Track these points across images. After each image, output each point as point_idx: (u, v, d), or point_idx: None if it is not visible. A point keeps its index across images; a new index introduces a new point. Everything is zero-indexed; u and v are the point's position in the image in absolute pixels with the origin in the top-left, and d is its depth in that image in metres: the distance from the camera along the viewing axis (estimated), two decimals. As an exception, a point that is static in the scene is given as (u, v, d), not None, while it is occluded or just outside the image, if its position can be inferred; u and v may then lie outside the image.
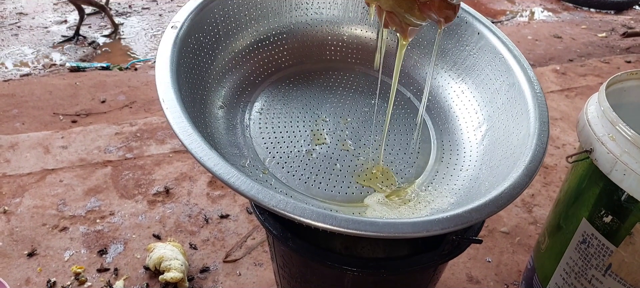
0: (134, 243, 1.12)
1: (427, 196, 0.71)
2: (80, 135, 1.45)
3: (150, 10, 2.66)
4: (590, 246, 0.76)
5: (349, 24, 0.88)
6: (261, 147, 0.73)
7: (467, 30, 0.81)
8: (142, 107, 1.71)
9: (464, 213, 0.53)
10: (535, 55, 2.32)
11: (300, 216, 0.50)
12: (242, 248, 1.13)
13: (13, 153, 1.36)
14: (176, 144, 1.43)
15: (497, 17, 2.85)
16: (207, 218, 1.20)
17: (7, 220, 1.16)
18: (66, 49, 2.26)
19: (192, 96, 0.69)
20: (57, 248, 1.10)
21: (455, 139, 0.79)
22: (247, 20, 0.81)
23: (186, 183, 1.30)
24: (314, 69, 0.87)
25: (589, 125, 0.73)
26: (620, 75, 0.80)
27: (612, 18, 2.86)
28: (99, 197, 1.24)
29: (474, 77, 0.81)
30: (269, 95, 0.81)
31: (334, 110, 0.81)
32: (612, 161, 0.67)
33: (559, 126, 1.63)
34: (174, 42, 0.66)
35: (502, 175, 0.63)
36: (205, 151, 0.54)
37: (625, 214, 0.69)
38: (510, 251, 1.16)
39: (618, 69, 2.06)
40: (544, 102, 0.69)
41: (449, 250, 0.65)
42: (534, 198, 1.31)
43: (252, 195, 0.51)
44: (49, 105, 1.68)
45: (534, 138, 0.64)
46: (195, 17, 0.72)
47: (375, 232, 0.50)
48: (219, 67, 0.78)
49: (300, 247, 0.64)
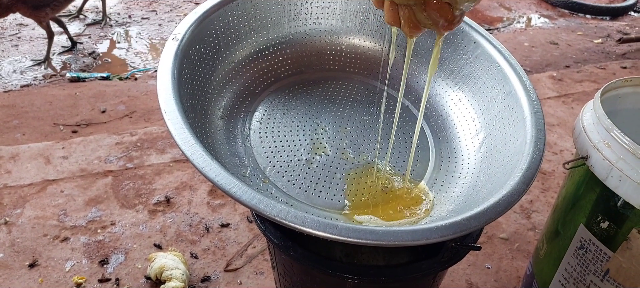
0: (135, 253, 1.13)
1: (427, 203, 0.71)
2: (80, 146, 1.45)
3: (149, 19, 2.68)
4: (588, 252, 0.76)
5: (347, 34, 0.89)
6: (261, 156, 0.74)
7: (464, 39, 0.82)
8: (142, 117, 1.72)
9: (462, 221, 0.54)
10: (531, 62, 2.34)
11: (301, 225, 0.51)
12: (242, 257, 1.13)
13: (14, 164, 1.37)
14: (176, 153, 1.44)
15: (493, 24, 2.87)
16: (207, 227, 1.20)
17: (8, 231, 1.16)
18: (67, 59, 2.27)
19: (193, 107, 0.70)
20: (58, 258, 1.10)
21: (453, 146, 0.80)
22: (246, 31, 0.82)
23: (187, 193, 1.30)
24: (313, 79, 0.88)
25: (584, 132, 0.74)
26: (615, 83, 0.81)
27: (607, 24, 2.88)
28: (100, 207, 1.25)
29: (471, 86, 0.82)
30: (269, 104, 0.82)
31: (333, 119, 0.82)
32: (608, 167, 0.68)
33: (556, 132, 1.65)
34: (175, 54, 0.68)
35: (499, 182, 0.64)
36: (207, 161, 0.55)
37: (621, 220, 0.70)
38: (509, 257, 1.16)
39: (614, 75, 2.08)
40: (540, 110, 0.70)
41: (448, 257, 0.65)
42: (532, 204, 1.32)
43: (254, 204, 0.52)
44: (50, 116, 1.69)
45: (531, 145, 0.65)
46: (196, 29, 0.73)
47: (375, 240, 0.50)
48: (219, 77, 0.79)
49: (301, 255, 0.64)
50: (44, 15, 2.10)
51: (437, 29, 0.52)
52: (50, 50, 2.22)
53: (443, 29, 0.52)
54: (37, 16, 2.09)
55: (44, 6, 2.07)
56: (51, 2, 2.10)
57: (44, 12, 2.09)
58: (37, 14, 2.08)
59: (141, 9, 2.78)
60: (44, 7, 2.08)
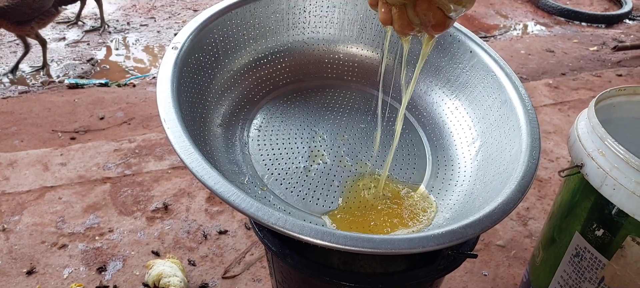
0: (133, 260, 1.13)
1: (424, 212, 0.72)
2: (79, 152, 1.46)
3: (148, 27, 2.69)
4: (583, 259, 0.77)
5: (344, 43, 0.90)
6: (260, 164, 0.74)
7: (460, 48, 0.83)
8: (141, 124, 1.72)
9: (459, 229, 0.55)
10: (528, 69, 2.36)
11: (299, 233, 0.51)
12: (240, 264, 1.13)
13: (12, 170, 1.37)
14: (174, 160, 1.44)
15: (490, 32, 2.89)
16: (205, 234, 1.21)
17: (6, 238, 1.16)
18: (66, 66, 2.28)
19: (192, 115, 0.70)
20: (56, 265, 1.10)
21: (450, 154, 0.81)
22: (245, 40, 0.83)
23: (185, 200, 1.31)
24: (311, 87, 0.89)
25: (579, 141, 0.75)
26: (609, 92, 0.82)
27: (603, 32, 2.90)
28: (98, 214, 1.25)
29: (467, 94, 0.82)
30: (267, 112, 0.82)
31: (331, 127, 0.82)
32: (602, 176, 0.69)
33: (553, 139, 1.66)
34: (174, 62, 0.68)
35: (495, 190, 0.65)
36: (206, 170, 0.55)
37: (616, 228, 0.71)
38: (506, 264, 1.17)
39: (609, 83, 2.09)
40: (536, 119, 0.71)
41: (445, 265, 0.66)
42: (528, 212, 1.33)
43: (252, 213, 0.52)
44: (48, 122, 1.70)
45: (526, 154, 0.66)
46: (195, 38, 0.74)
47: (372, 248, 0.51)
48: (218, 85, 0.79)
49: (299, 263, 0.65)
50: (29, 30, 2.05)
51: (427, 30, 0.53)
52: (46, 56, 2.21)
53: (433, 29, 0.52)
54: (22, 31, 2.04)
55: (29, 21, 2.02)
56: (36, 17, 2.04)
57: (30, 27, 2.04)
58: (22, 29, 2.03)
59: (140, 16, 2.79)
60: (29, 22, 2.02)
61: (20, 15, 1.97)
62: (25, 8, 1.97)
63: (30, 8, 1.99)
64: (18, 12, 1.96)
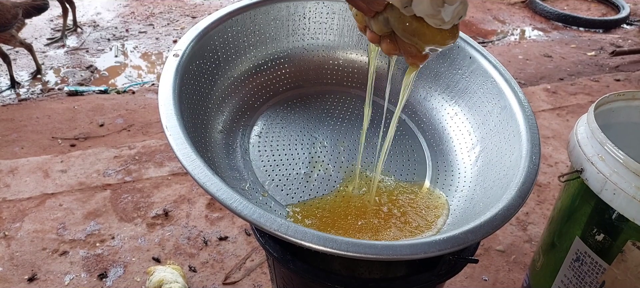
0: (133, 267, 1.13)
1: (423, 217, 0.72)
2: (79, 159, 1.46)
3: (147, 33, 2.69)
4: (583, 264, 0.77)
5: (344, 49, 0.91)
6: (260, 170, 0.75)
7: (459, 54, 0.83)
8: (140, 130, 1.72)
9: (460, 235, 0.55)
10: (526, 75, 2.37)
11: (301, 240, 0.51)
12: (241, 269, 1.13)
13: (13, 177, 1.37)
14: (174, 167, 1.44)
15: (488, 37, 2.90)
16: (206, 240, 1.21)
17: (7, 245, 1.16)
18: (65, 73, 2.28)
19: (194, 122, 0.71)
20: (58, 272, 1.10)
21: (450, 160, 0.81)
22: (245, 46, 0.83)
23: (185, 206, 1.31)
24: (311, 93, 0.89)
25: (579, 146, 0.76)
26: (608, 97, 0.82)
27: (600, 37, 2.92)
28: (99, 220, 1.25)
29: (467, 100, 0.83)
30: (268, 118, 0.83)
31: (330, 133, 0.83)
32: (602, 181, 0.69)
33: (552, 144, 1.66)
34: (175, 69, 0.69)
35: (496, 196, 0.65)
36: (208, 176, 0.56)
37: (616, 232, 0.71)
38: (506, 269, 1.17)
39: (607, 87, 2.10)
40: (535, 124, 0.71)
41: (445, 270, 0.66)
42: (528, 217, 1.33)
43: (254, 219, 0.53)
44: (48, 129, 1.70)
45: (526, 159, 0.66)
46: (196, 45, 0.74)
47: (374, 254, 0.51)
48: (219, 92, 0.80)
49: (301, 268, 0.65)
50: (9, 37, 2.03)
51: (407, 59, 0.57)
52: (37, 60, 2.21)
53: (412, 58, 0.56)
54: (2, 39, 2.02)
55: (8, 28, 2.00)
56: (14, 24, 2.02)
57: (9, 34, 2.01)
58: (2, 37, 2.01)
59: (138, 23, 2.80)
60: (8, 29, 2.00)
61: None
62: (5, 13, 1.98)
63: (9, 14, 2.00)
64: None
